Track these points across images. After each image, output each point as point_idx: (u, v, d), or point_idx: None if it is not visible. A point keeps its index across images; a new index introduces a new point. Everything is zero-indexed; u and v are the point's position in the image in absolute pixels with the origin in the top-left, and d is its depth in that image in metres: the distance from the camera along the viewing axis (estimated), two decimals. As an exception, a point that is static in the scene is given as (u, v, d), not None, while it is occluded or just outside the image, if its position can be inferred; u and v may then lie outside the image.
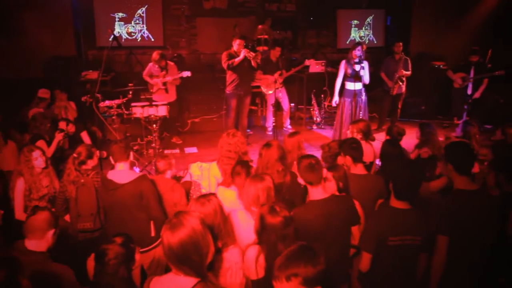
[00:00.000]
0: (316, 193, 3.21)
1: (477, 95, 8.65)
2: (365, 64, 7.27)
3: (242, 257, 2.87)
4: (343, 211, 3.22)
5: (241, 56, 7.64)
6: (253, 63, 7.77)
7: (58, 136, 5.65)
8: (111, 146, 4.03)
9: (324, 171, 3.50)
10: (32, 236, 2.89)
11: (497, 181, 3.74)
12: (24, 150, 4.42)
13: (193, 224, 2.30)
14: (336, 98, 7.54)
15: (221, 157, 4.21)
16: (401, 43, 8.93)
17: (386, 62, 9.05)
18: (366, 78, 7.31)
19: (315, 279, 2.00)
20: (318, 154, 5.52)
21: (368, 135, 5.04)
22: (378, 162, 5.89)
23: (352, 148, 4.05)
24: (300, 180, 4.12)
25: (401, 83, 8.80)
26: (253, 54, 7.72)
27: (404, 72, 8.71)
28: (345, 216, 3.23)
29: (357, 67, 7.13)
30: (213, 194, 3.13)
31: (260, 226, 2.76)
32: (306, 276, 1.98)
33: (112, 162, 3.96)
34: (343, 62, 7.45)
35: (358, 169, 3.98)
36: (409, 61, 8.83)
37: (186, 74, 7.87)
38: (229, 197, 3.69)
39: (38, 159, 4.39)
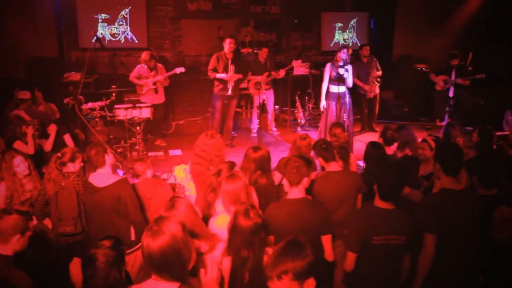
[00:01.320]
0: (292, 193, 3.24)
1: (459, 81, 8.79)
2: (349, 67, 7.28)
3: None
4: (312, 216, 3.20)
5: (224, 76, 7.74)
6: (227, 87, 7.85)
7: (29, 130, 5.55)
8: (87, 154, 3.92)
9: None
10: None
11: (471, 183, 3.77)
12: (5, 157, 4.32)
13: (174, 231, 2.25)
14: (323, 102, 7.47)
15: (194, 156, 4.22)
16: (368, 46, 9.14)
17: (356, 67, 8.85)
18: (349, 82, 7.30)
19: (305, 271, 2.00)
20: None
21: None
22: (361, 163, 5.96)
23: (322, 149, 4.12)
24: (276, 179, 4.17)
25: (377, 84, 8.97)
26: (235, 79, 7.85)
27: (377, 73, 8.88)
28: (313, 221, 3.20)
29: (341, 71, 7.14)
30: (179, 197, 3.16)
31: (232, 224, 2.76)
32: (296, 271, 1.98)
33: (97, 167, 3.94)
34: (328, 65, 7.42)
35: (332, 167, 4.04)
36: (377, 61, 9.00)
37: (180, 70, 7.88)
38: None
39: (20, 166, 4.30)
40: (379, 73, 8.96)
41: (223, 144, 4.28)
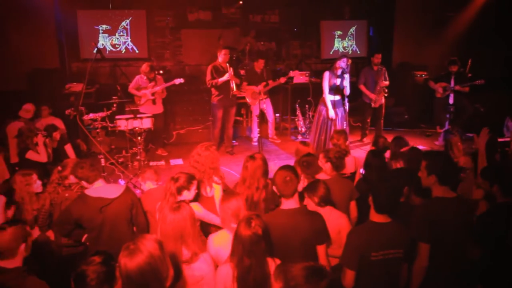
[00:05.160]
0: (286, 204, 3.23)
1: (457, 87, 8.77)
2: (347, 76, 7.29)
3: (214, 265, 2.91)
4: (306, 224, 3.17)
5: (225, 77, 7.77)
6: (231, 86, 7.90)
7: (39, 139, 5.58)
8: (79, 172, 3.74)
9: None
10: (4, 256, 2.83)
11: (488, 192, 3.74)
12: (19, 176, 4.32)
13: (151, 249, 2.26)
14: (331, 111, 7.35)
15: (188, 166, 4.24)
16: (380, 54, 8.86)
17: (364, 73, 8.90)
18: (347, 90, 7.32)
19: None
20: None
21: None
22: (362, 171, 5.97)
23: (304, 167, 4.22)
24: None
25: (385, 94, 8.79)
26: (238, 81, 8.03)
27: (385, 83, 8.71)
28: (310, 231, 3.17)
29: (338, 81, 7.14)
30: (184, 201, 3.15)
31: (235, 232, 2.77)
32: None
33: (86, 184, 3.78)
34: (326, 74, 7.37)
35: (321, 176, 4.11)
36: (386, 72, 8.83)
37: (179, 81, 7.94)
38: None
39: (37, 182, 4.33)
40: (387, 83, 8.75)
41: (217, 157, 4.22)
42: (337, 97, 7.36)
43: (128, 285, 2.24)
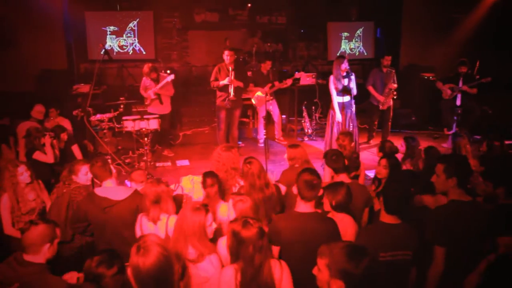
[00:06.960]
0: (304, 207, 3.17)
1: (464, 87, 8.69)
2: (352, 76, 7.23)
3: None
4: (321, 230, 3.12)
5: (225, 81, 7.77)
6: (229, 91, 7.86)
7: (46, 140, 5.63)
8: (91, 169, 3.98)
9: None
10: (28, 250, 2.85)
11: (491, 194, 3.73)
12: (9, 166, 4.37)
13: (160, 242, 2.29)
14: (339, 115, 7.24)
15: (211, 166, 4.24)
16: (390, 57, 8.78)
17: (373, 75, 8.83)
18: (355, 90, 7.27)
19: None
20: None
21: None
22: (368, 173, 5.95)
23: (332, 160, 4.16)
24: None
25: (394, 97, 8.69)
26: (241, 85, 7.92)
27: (394, 85, 8.58)
28: (323, 236, 3.09)
29: (345, 82, 7.09)
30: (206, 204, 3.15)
31: (235, 242, 2.69)
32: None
33: (98, 182, 3.94)
34: (331, 80, 7.25)
35: (341, 179, 4.03)
36: (395, 74, 8.71)
37: (170, 77, 7.84)
38: (222, 211, 3.71)
39: (23, 174, 4.34)
40: (395, 85, 8.60)
41: (238, 158, 4.22)
42: (346, 98, 7.25)
43: (146, 284, 2.22)
